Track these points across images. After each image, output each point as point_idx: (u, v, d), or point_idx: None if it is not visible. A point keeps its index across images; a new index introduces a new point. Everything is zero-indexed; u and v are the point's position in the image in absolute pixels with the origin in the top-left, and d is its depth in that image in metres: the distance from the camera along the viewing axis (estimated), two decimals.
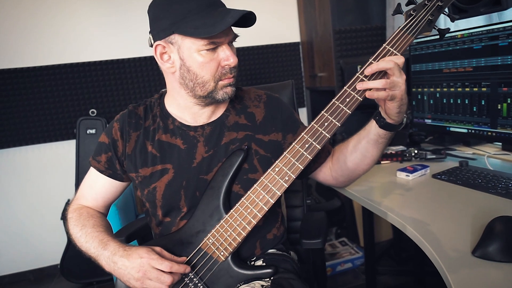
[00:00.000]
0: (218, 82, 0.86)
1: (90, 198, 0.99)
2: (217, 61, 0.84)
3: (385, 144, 0.87)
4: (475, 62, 1.21)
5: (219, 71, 0.85)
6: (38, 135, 2.32)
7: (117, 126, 0.95)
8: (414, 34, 0.78)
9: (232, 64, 0.84)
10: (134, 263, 0.78)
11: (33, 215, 2.37)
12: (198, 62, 0.83)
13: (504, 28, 1.10)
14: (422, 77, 1.42)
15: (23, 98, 2.27)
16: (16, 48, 2.24)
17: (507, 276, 0.64)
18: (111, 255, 0.81)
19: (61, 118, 2.34)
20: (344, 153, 0.93)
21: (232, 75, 0.87)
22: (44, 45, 2.27)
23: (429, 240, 0.78)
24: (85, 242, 0.87)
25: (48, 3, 2.24)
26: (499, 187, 1.00)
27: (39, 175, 2.37)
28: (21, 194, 2.36)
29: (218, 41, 0.82)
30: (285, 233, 1.05)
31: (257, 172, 0.91)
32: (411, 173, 1.19)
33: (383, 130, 0.83)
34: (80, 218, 0.93)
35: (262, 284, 0.85)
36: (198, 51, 0.82)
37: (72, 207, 0.99)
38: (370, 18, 2.24)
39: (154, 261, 0.78)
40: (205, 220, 0.87)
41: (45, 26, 2.25)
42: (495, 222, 0.72)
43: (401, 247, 2.12)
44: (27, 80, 2.26)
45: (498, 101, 1.15)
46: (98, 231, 0.88)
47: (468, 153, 1.41)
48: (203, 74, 0.84)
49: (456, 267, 0.68)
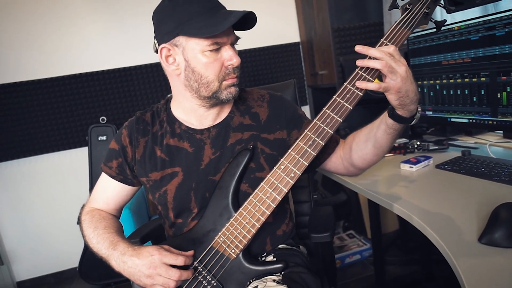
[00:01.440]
0: (222, 82, 0.86)
1: (102, 201, 1.00)
2: (221, 61, 0.85)
3: (394, 136, 0.83)
4: (473, 53, 1.19)
5: (222, 71, 0.85)
6: (52, 143, 2.35)
7: (125, 132, 0.96)
8: (411, 27, 0.77)
9: (235, 64, 0.85)
10: (145, 261, 0.78)
11: (51, 221, 2.40)
12: (203, 62, 0.84)
13: (501, 18, 1.08)
14: (421, 70, 1.41)
15: (37, 110, 2.30)
16: (29, 61, 2.26)
17: None
18: (121, 255, 0.82)
19: (73, 127, 2.37)
20: (357, 142, 0.90)
21: (236, 75, 0.87)
22: (55, 57, 2.29)
23: (435, 229, 0.78)
24: (97, 243, 0.88)
25: (59, 17, 2.26)
26: (502, 174, 0.99)
27: (55, 181, 2.40)
28: (39, 201, 2.39)
29: (221, 42, 0.83)
30: (294, 228, 1.04)
31: (264, 170, 0.91)
32: (414, 165, 1.18)
33: (392, 120, 0.80)
34: (92, 220, 0.94)
35: (273, 279, 0.84)
36: (202, 51, 0.83)
37: (85, 210, 1.00)
38: (367, 15, 2.22)
39: (166, 257, 0.79)
40: (215, 220, 0.87)
41: (56, 40, 2.28)
42: (500, 209, 0.72)
43: (408, 237, 2.11)
44: (40, 92, 2.28)
45: (497, 90, 1.14)
46: (109, 233, 0.89)
47: (470, 142, 1.39)
48: (208, 74, 0.85)
49: (464, 255, 0.67)
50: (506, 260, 0.64)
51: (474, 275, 0.61)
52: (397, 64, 0.72)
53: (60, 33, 2.28)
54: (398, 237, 2.17)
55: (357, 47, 0.74)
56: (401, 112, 0.78)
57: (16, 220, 2.36)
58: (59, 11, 2.27)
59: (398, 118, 0.79)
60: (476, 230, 0.74)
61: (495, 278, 0.60)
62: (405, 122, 0.80)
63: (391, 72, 0.72)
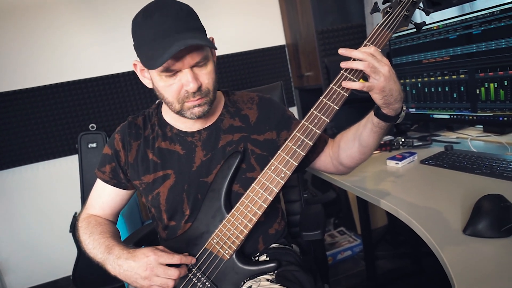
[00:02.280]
0: (184, 103, 0.84)
1: (98, 207, 0.99)
2: (179, 84, 0.81)
3: (380, 134, 0.84)
4: (452, 51, 1.22)
5: (182, 94, 0.82)
6: (42, 152, 2.31)
7: (118, 137, 0.96)
8: (392, 29, 0.78)
9: (191, 89, 0.80)
10: (141, 262, 0.78)
11: (44, 230, 2.36)
12: (161, 85, 0.82)
13: (477, 17, 1.11)
14: (403, 69, 1.43)
15: (25, 119, 2.25)
16: (16, 71, 2.22)
17: (497, 251, 0.64)
18: (116, 259, 0.81)
19: (62, 135, 2.33)
20: (345, 141, 0.91)
21: (197, 98, 0.83)
22: (41, 66, 2.26)
23: (422, 222, 0.79)
24: (93, 248, 0.87)
25: (46, 26, 2.23)
26: (484, 167, 1.01)
27: (47, 190, 2.35)
28: (31, 210, 2.34)
29: (174, 68, 0.79)
30: (286, 228, 1.05)
31: (254, 170, 0.91)
32: (400, 161, 1.20)
33: (378, 119, 0.81)
34: (88, 226, 0.93)
35: (267, 278, 0.84)
36: (158, 75, 0.81)
37: (81, 216, 0.99)
38: (350, 17, 2.25)
39: (162, 257, 0.78)
40: (208, 222, 0.87)
41: (41, 48, 2.24)
42: (482, 201, 0.73)
43: (397, 232, 2.13)
44: (27, 101, 2.24)
45: (476, 87, 1.16)
46: (104, 237, 0.88)
47: (452, 137, 1.42)
48: (167, 96, 0.84)
49: (449, 246, 0.68)
50: (489, 250, 0.65)
51: (459, 265, 0.62)
52: (380, 64, 0.73)
53: (47, 41, 2.25)
54: (387, 232, 2.19)
55: (341, 50, 0.75)
56: (386, 111, 0.79)
57: (8, 230, 2.31)
58: (46, 20, 2.24)
59: (384, 117, 0.80)
60: (460, 222, 0.76)
61: (480, 267, 0.61)
62: (391, 120, 0.81)
63: (374, 72, 0.73)
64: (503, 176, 0.93)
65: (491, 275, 0.59)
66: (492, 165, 1.01)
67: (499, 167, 0.98)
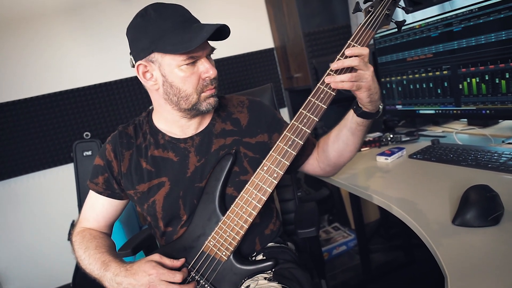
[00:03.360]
0: (201, 94, 0.85)
1: (92, 219, 0.96)
2: (198, 74, 0.83)
3: (363, 132, 0.87)
4: (434, 49, 1.23)
5: (200, 84, 0.84)
6: (37, 162, 2.27)
7: (109, 147, 0.94)
8: (374, 28, 0.79)
9: (212, 75, 0.84)
10: (143, 281, 0.76)
11: (42, 239, 2.32)
12: (180, 77, 0.82)
13: (457, 15, 1.13)
14: (388, 67, 1.44)
15: (19, 129, 2.22)
16: (9, 82, 2.19)
17: (485, 239, 0.65)
18: (114, 276, 0.79)
19: (57, 144, 2.30)
20: (328, 143, 0.92)
21: (213, 86, 0.86)
22: (34, 77, 2.22)
23: (413, 215, 0.79)
24: (89, 264, 0.85)
25: (39, 36, 2.20)
26: (469, 159, 1.02)
27: (43, 200, 2.32)
28: (29, 221, 2.30)
29: (196, 55, 0.82)
30: (281, 227, 1.05)
31: (248, 173, 0.91)
32: (389, 156, 1.20)
33: (361, 118, 0.83)
34: (83, 241, 0.90)
35: (265, 277, 0.84)
36: (178, 66, 0.81)
37: (76, 230, 0.96)
38: (335, 19, 2.26)
39: (164, 275, 0.77)
40: (204, 224, 0.87)
41: (34, 59, 2.21)
42: (469, 192, 0.74)
43: (389, 225, 2.14)
44: (20, 112, 2.21)
45: (459, 82, 1.18)
46: (100, 252, 0.86)
47: (438, 131, 1.43)
48: (186, 88, 0.83)
49: (440, 237, 0.69)
50: (478, 239, 0.66)
51: (450, 255, 0.63)
52: (366, 65, 0.75)
53: (41, 52, 2.22)
54: (380, 225, 2.21)
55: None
56: (370, 108, 0.81)
57: (6, 240, 2.26)
58: (39, 30, 2.20)
59: (366, 115, 0.82)
60: (449, 213, 0.76)
61: (470, 256, 0.62)
62: (373, 116, 0.83)
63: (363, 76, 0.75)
64: (488, 167, 0.94)
65: (481, 263, 0.59)
66: (477, 156, 1.02)
67: (483, 158, 1.00)
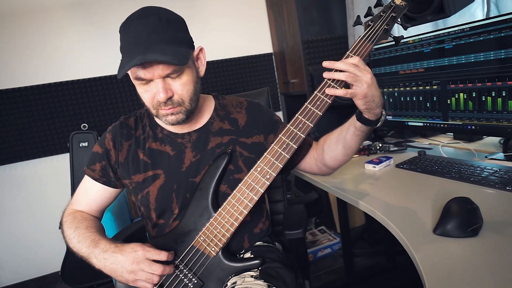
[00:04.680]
0: (158, 110, 0.83)
1: (84, 203, 0.96)
2: (152, 92, 0.80)
3: (362, 137, 0.86)
4: (426, 64, 1.25)
5: (155, 101, 0.82)
6: (33, 150, 2.25)
7: (109, 136, 0.94)
8: (373, 41, 0.80)
9: (160, 99, 0.79)
10: (128, 256, 0.76)
11: (33, 226, 2.29)
12: (138, 90, 0.84)
13: (449, 33, 1.15)
14: (381, 79, 1.46)
15: (18, 117, 2.19)
16: (11, 69, 2.16)
17: (464, 250, 0.66)
18: (102, 252, 0.79)
19: (54, 134, 2.28)
20: (328, 144, 0.92)
21: (169, 107, 0.81)
22: (37, 65, 2.20)
23: (396, 222, 0.80)
24: (78, 242, 0.85)
25: (42, 26, 2.17)
26: (453, 171, 1.04)
27: (37, 188, 2.29)
28: (22, 207, 2.27)
29: (145, 78, 0.78)
30: (270, 226, 1.05)
31: (242, 172, 0.91)
32: (377, 165, 1.22)
33: (360, 123, 0.82)
34: (74, 221, 0.90)
35: (251, 275, 0.84)
36: (134, 81, 0.82)
37: (67, 211, 0.96)
38: (333, 28, 2.28)
39: (149, 252, 0.77)
40: (196, 220, 0.87)
41: (38, 48, 2.19)
42: (451, 203, 0.75)
43: (374, 231, 2.16)
44: (20, 100, 2.18)
45: (447, 97, 1.20)
46: (90, 232, 0.86)
47: (425, 143, 1.45)
48: (144, 101, 0.85)
49: (420, 245, 0.70)
50: (457, 249, 0.67)
51: (429, 262, 0.64)
52: (362, 72, 0.75)
53: (45, 43, 2.20)
54: (364, 231, 2.22)
55: (325, 63, 0.77)
56: (368, 115, 0.80)
57: None
58: (45, 22, 2.18)
59: (365, 121, 0.82)
60: (431, 222, 0.78)
61: (448, 265, 0.63)
62: (372, 124, 0.82)
63: (356, 80, 0.75)
64: (470, 180, 0.96)
65: (458, 272, 0.60)
66: (461, 170, 1.04)
67: (467, 172, 1.01)
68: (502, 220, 0.74)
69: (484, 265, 0.61)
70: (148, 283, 0.77)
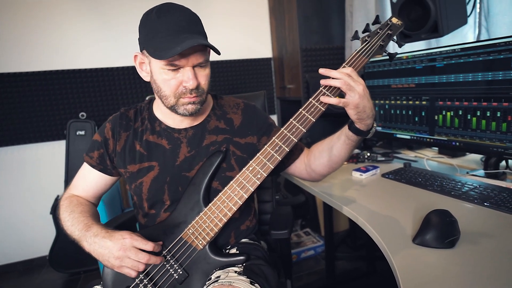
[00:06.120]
0: (179, 99, 0.83)
1: (81, 189, 0.97)
2: (179, 80, 0.81)
3: (352, 146, 0.86)
4: (417, 80, 1.27)
5: (180, 90, 0.82)
6: (30, 135, 2.22)
7: (109, 126, 0.95)
8: (368, 56, 0.81)
9: (190, 86, 0.81)
10: (117, 243, 0.76)
11: (24, 210, 2.25)
12: (162, 78, 0.82)
13: (441, 52, 1.17)
14: (374, 91, 1.47)
15: (17, 101, 2.16)
16: (14, 54, 2.13)
17: (440, 260, 0.67)
18: (93, 236, 0.79)
19: (52, 120, 2.25)
20: (319, 151, 0.92)
21: (193, 95, 0.83)
22: (43, 53, 2.17)
23: (378, 230, 0.81)
24: (71, 225, 0.85)
25: (48, 13, 2.15)
26: (435, 184, 1.05)
27: (31, 172, 2.26)
28: (14, 190, 2.23)
29: (179, 64, 0.79)
30: (257, 225, 1.05)
31: (234, 170, 0.91)
32: (364, 173, 1.23)
33: (351, 133, 0.83)
34: (70, 205, 0.91)
35: (235, 270, 0.85)
36: (161, 68, 0.80)
37: (65, 195, 0.96)
38: (332, 39, 2.30)
39: (137, 241, 0.77)
40: (186, 213, 0.87)
41: (43, 35, 2.16)
42: (431, 215, 0.76)
43: (356, 236, 2.18)
44: (21, 84, 2.15)
45: (435, 113, 1.22)
46: (84, 216, 0.86)
47: (411, 156, 1.47)
48: (165, 89, 0.83)
49: (399, 253, 0.71)
50: (434, 258, 0.68)
51: (406, 270, 0.65)
52: (355, 83, 0.76)
53: (50, 29, 2.17)
54: (348, 235, 2.24)
55: (321, 70, 0.78)
56: (359, 125, 0.81)
57: None
58: (53, 11, 2.16)
59: (357, 131, 0.82)
60: (411, 231, 0.79)
61: (424, 273, 0.64)
62: (362, 134, 0.83)
63: (349, 89, 0.76)
64: (451, 194, 0.97)
65: (434, 281, 0.61)
66: (443, 183, 1.05)
67: (448, 185, 1.03)
68: (478, 234, 0.75)
69: (458, 276, 0.62)
70: (133, 270, 0.77)
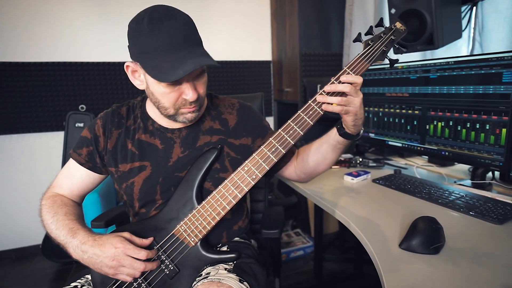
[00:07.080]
0: (179, 110, 0.82)
1: (66, 187, 0.92)
2: (179, 92, 0.79)
3: (341, 150, 0.87)
4: (411, 90, 1.28)
5: (179, 101, 0.80)
6: (28, 124, 2.19)
7: (100, 123, 0.91)
8: (370, 61, 0.79)
9: (190, 99, 0.78)
10: (108, 253, 0.74)
11: (19, 198, 2.23)
12: (160, 91, 0.78)
13: (435, 64, 1.17)
14: (369, 98, 1.48)
15: (18, 90, 2.14)
16: (16, 44, 2.10)
17: (425, 265, 0.68)
18: (80, 244, 0.76)
19: (51, 111, 2.23)
20: (308, 154, 0.92)
21: (193, 106, 0.81)
22: (44, 43, 2.15)
23: (366, 233, 0.82)
24: (55, 229, 0.81)
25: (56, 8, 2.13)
26: (423, 192, 1.06)
27: (28, 161, 2.23)
28: (10, 178, 2.21)
29: (179, 81, 0.76)
30: (249, 225, 1.05)
31: (227, 171, 0.90)
32: (355, 178, 1.23)
33: (342, 138, 0.84)
34: (53, 206, 0.86)
35: (225, 267, 0.84)
36: (158, 83, 0.76)
37: (46, 194, 0.91)
38: (330, 46, 2.30)
39: (130, 250, 0.75)
40: (179, 209, 0.86)
41: (49, 28, 2.14)
42: (418, 221, 0.77)
43: (345, 239, 2.18)
44: (21, 74, 2.13)
45: (427, 122, 1.23)
46: (69, 219, 0.82)
47: (402, 163, 1.48)
48: (164, 102, 0.80)
49: (386, 257, 0.71)
50: (419, 264, 0.68)
51: (392, 273, 0.65)
52: (358, 93, 0.76)
53: (54, 20, 2.15)
54: (336, 238, 2.24)
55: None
56: (352, 130, 0.82)
57: None
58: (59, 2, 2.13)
59: (347, 135, 0.83)
60: (398, 237, 0.79)
61: (409, 277, 0.64)
62: (353, 138, 0.84)
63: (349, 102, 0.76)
64: (438, 202, 0.98)
65: (418, 284, 0.62)
66: (431, 191, 1.06)
67: (436, 193, 1.04)
68: (462, 242, 0.76)
69: (441, 281, 0.62)
70: (129, 277, 0.76)
